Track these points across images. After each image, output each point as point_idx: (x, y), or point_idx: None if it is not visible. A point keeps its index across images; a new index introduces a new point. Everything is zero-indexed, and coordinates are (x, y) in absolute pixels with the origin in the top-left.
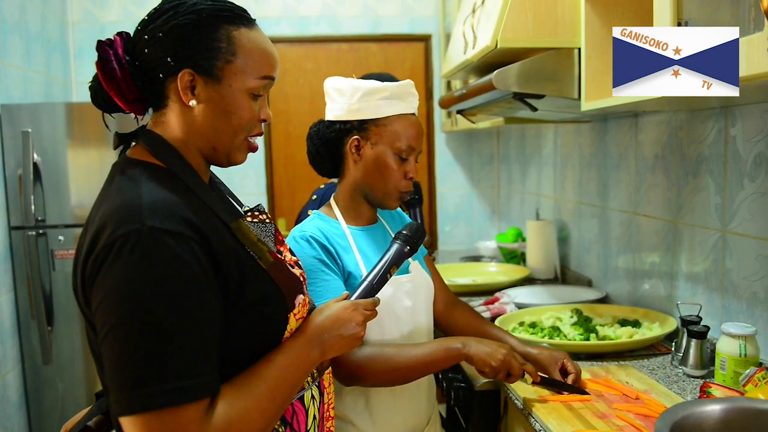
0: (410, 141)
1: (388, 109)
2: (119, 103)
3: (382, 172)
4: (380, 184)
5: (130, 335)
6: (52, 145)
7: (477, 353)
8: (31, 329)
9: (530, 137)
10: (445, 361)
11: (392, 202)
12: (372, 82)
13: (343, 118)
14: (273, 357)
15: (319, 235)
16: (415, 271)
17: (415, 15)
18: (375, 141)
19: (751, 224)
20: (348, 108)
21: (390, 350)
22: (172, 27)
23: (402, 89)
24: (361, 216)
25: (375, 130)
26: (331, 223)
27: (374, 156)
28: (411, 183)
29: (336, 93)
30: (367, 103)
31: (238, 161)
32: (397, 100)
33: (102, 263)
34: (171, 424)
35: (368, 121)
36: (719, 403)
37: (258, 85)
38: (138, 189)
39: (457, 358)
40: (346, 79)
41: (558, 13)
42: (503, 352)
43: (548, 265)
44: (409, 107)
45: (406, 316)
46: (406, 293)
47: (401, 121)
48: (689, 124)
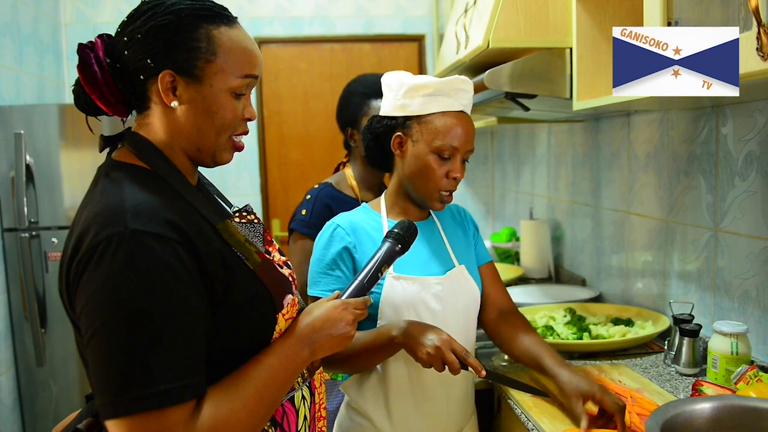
0: (451, 140)
1: (431, 106)
2: (101, 106)
3: (422, 171)
4: (421, 184)
5: (114, 339)
6: (45, 147)
7: (408, 342)
8: (25, 331)
9: (524, 137)
10: (382, 348)
11: (434, 203)
12: (419, 78)
13: (390, 114)
14: (262, 358)
15: (345, 226)
16: (453, 276)
17: (409, 15)
18: (416, 138)
19: (742, 223)
20: (394, 104)
21: None
22: (151, 28)
23: (447, 85)
24: (408, 213)
25: (417, 128)
26: (372, 215)
27: (415, 154)
28: (454, 183)
29: (387, 89)
30: (411, 100)
31: (224, 161)
32: (442, 97)
33: (85, 267)
34: (156, 428)
35: (411, 117)
36: (710, 402)
37: (240, 84)
38: (121, 192)
39: (391, 345)
40: (398, 74)
41: (549, 13)
42: (435, 343)
43: (542, 265)
44: (456, 104)
45: (430, 319)
46: (434, 296)
47: (443, 119)
48: (681, 123)
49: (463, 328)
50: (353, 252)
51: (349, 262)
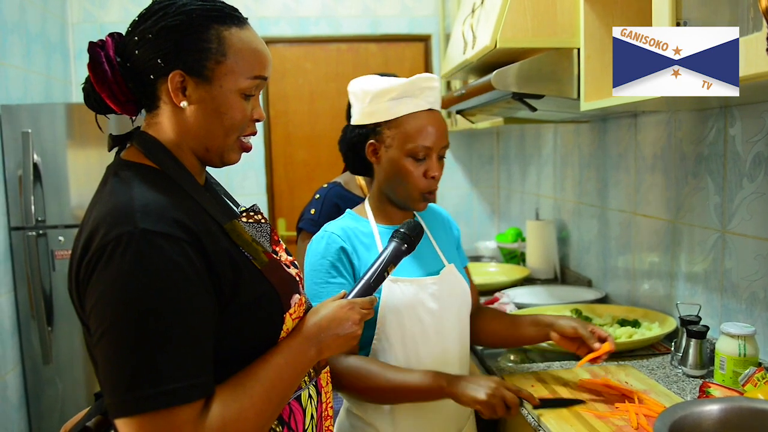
0: (423, 140)
1: (398, 110)
2: (111, 104)
3: (399, 176)
4: (401, 188)
5: (124, 338)
6: (52, 146)
7: (463, 393)
8: (31, 329)
9: (530, 137)
10: (427, 395)
11: (416, 204)
12: (382, 83)
13: (360, 123)
14: (269, 357)
15: (339, 234)
16: (447, 275)
17: (415, 15)
18: (389, 144)
19: (750, 224)
20: (362, 112)
21: (374, 368)
22: (162, 28)
23: (412, 86)
24: (391, 216)
25: (388, 133)
26: (360, 221)
27: (390, 160)
28: (434, 182)
29: (353, 98)
30: (377, 106)
31: (232, 161)
32: (408, 98)
33: (95, 266)
34: (165, 426)
35: (381, 123)
36: (718, 403)
37: (249, 85)
38: (130, 191)
39: (439, 395)
40: (361, 81)
41: (557, 13)
42: (491, 387)
43: (548, 265)
44: (423, 104)
45: (430, 319)
46: (431, 295)
47: (413, 121)
48: (688, 124)
49: (459, 326)
50: (351, 257)
51: (348, 267)
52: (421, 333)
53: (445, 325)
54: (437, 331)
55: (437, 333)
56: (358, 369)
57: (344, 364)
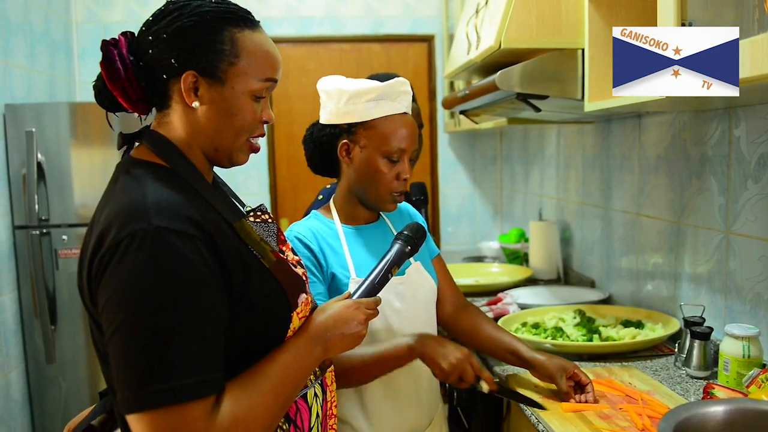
0: (399, 143)
1: (375, 111)
2: (123, 102)
3: (372, 176)
4: (372, 188)
5: (137, 334)
6: (56, 145)
7: (429, 353)
8: (35, 328)
9: (533, 138)
10: (397, 360)
11: (386, 205)
12: (358, 84)
13: (333, 122)
14: (276, 355)
15: (306, 235)
16: (413, 273)
17: (418, 15)
18: (364, 144)
19: (754, 225)
20: (336, 111)
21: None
22: (176, 28)
23: (390, 89)
24: (358, 217)
25: (363, 134)
26: (326, 222)
27: (364, 160)
28: (405, 183)
29: (325, 96)
30: (354, 106)
31: (240, 162)
32: (385, 101)
33: (108, 262)
34: (178, 422)
35: (356, 124)
36: (722, 405)
37: (261, 87)
38: (143, 189)
39: (409, 357)
40: (334, 80)
41: (561, 13)
42: (457, 356)
43: (551, 266)
44: (399, 107)
45: (396, 319)
46: (397, 295)
47: (389, 123)
48: (693, 125)
49: (425, 322)
50: (318, 257)
51: (318, 266)
52: (386, 332)
53: (411, 324)
54: (404, 331)
55: (403, 332)
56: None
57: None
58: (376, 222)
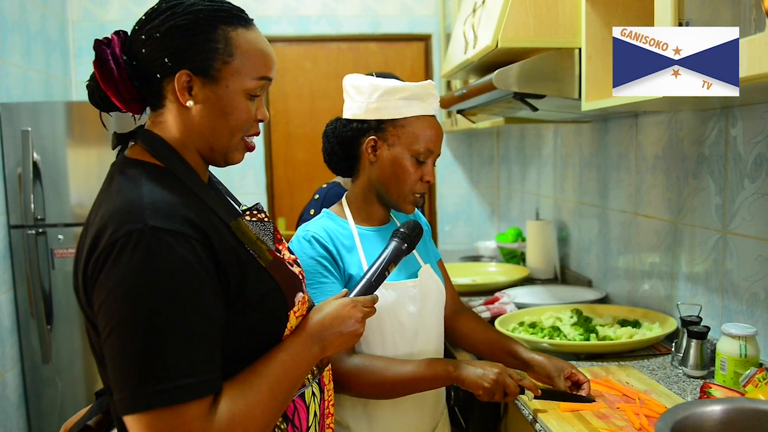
0: (428, 143)
1: (407, 110)
2: (116, 102)
3: (398, 175)
4: (395, 187)
5: (133, 334)
6: (52, 144)
7: (468, 376)
8: (31, 328)
9: (530, 137)
10: (433, 382)
11: (407, 206)
12: (392, 82)
13: (361, 117)
14: (274, 354)
15: (322, 236)
16: (425, 276)
17: (415, 15)
18: (392, 142)
19: (751, 225)
20: (366, 107)
21: (379, 363)
22: (170, 27)
23: (423, 90)
24: (372, 217)
25: (393, 131)
26: (339, 222)
27: (391, 158)
28: (426, 186)
29: (354, 91)
30: (386, 103)
31: (235, 161)
32: (417, 101)
33: (104, 263)
34: (175, 422)
35: (386, 121)
36: (720, 404)
37: (255, 85)
38: (138, 189)
39: (446, 380)
40: (366, 76)
41: (559, 13)
42: (495, 372)
43: (548, 265)
44: (429, 108)
45: (410, 322)
46: (411, 299)
47: (420, 123)
48: (690, 124)
49: (436, 325)
50: (335, 257)
51: (335, 266)
52: (400, 336)
53: (424, 327)
54: (416, 333)
55: (416, 335)
56: (364, 367)
57: (349, 365)
58: (389, 224)
